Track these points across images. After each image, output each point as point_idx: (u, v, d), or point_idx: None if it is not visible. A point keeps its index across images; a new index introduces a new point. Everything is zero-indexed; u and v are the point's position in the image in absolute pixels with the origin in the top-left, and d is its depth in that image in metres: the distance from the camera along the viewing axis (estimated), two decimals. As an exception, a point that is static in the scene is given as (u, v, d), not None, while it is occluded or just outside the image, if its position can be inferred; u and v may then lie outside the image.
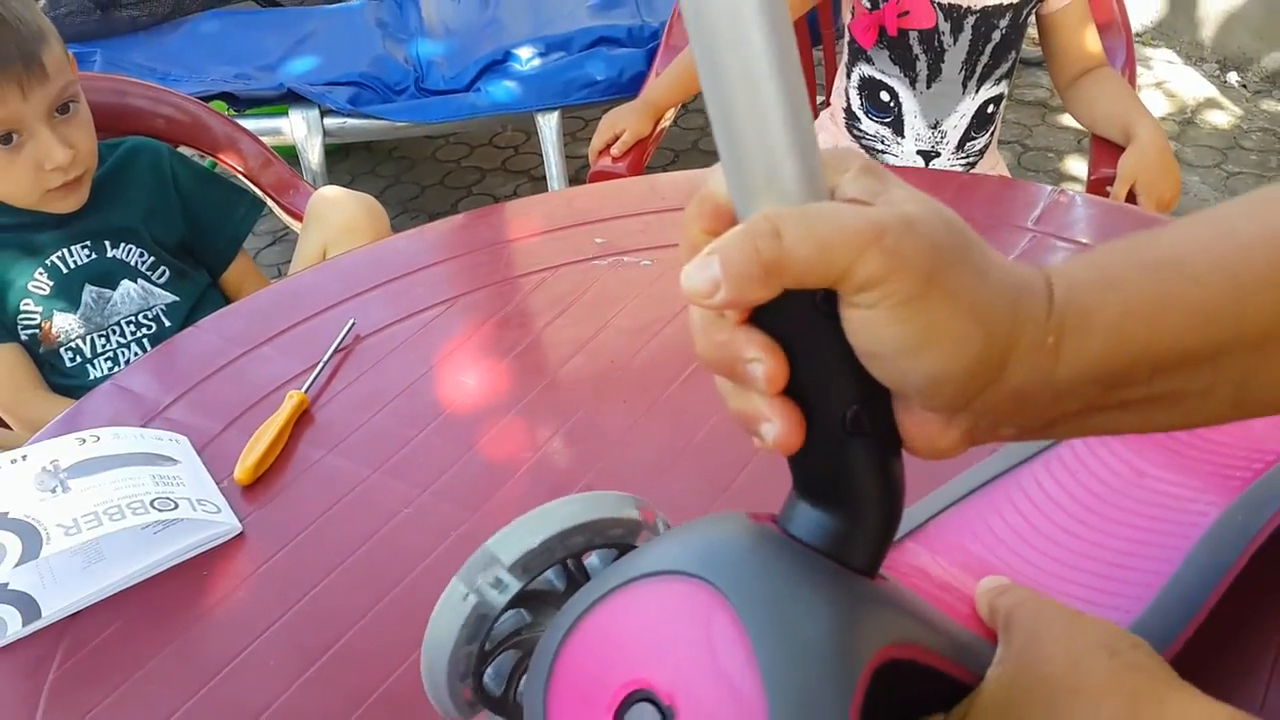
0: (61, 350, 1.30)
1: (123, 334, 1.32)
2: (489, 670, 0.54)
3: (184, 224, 1.37)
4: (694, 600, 0.41)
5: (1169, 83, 2.94)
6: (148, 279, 1.33)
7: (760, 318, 0.38)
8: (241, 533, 0.80)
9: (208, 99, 2.11)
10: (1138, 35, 3.16)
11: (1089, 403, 0.39)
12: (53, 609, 0.75)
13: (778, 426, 0.38)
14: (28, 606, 0.75)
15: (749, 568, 0.41)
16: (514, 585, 0.50)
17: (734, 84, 0.36)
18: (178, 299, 1.34)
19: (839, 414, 0.39)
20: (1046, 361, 0.37)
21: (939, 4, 1.38)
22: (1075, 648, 0.43)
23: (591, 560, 0.53)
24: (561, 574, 0.54)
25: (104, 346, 1.31)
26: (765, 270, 0.35)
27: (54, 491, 0.77)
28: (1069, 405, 0.39)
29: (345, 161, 2.92)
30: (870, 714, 0.39)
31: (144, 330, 1.32)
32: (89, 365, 1.31)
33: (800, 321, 0.37)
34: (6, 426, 1.31)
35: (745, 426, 0.39)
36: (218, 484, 0.83)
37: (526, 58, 2.36)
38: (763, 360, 0.37)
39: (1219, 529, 0.59)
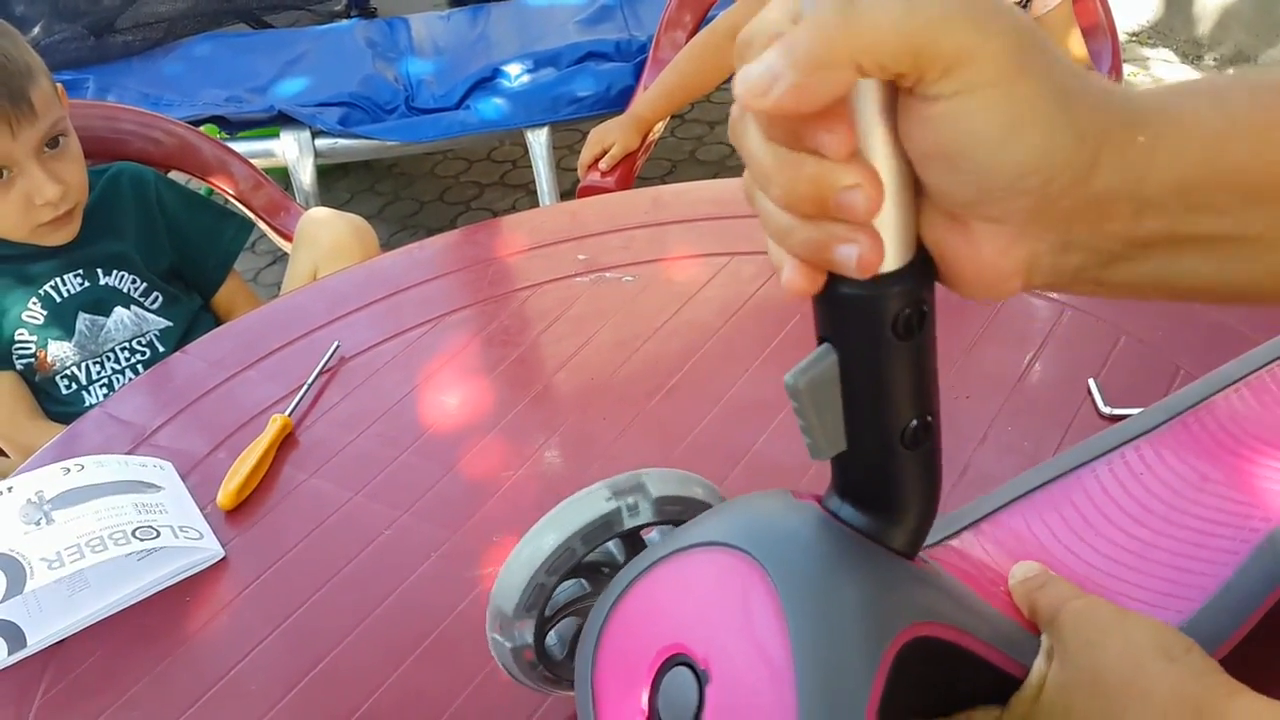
0: (57, 378, 1.31)
1: (117, 360, 1.32)
2: (551, 635, 0.57)
3: (171, 248, 1.38)
4: (734, 571, 0.43)
5: (1166, 81, 2.93)
6: (140, 305, 1.33)
7: (834, 340, 0.38)
8: (224, 557, 0.80)
9: (199, 123, 2.12)
10: (1134, 34, 3.16)
11: (1168, 228, 0.36)
12: (38, 638, 0.75)
13: (865, 244, 0.34)
14: (13, 636, 0.75)
15: (788, 542, 0.43)
16: (645, 516, 0.53)
17: None
18: (170, 324, 1.35)
19: (898, 430, 0.39)
20: (1140, 162, 0.34)
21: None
22: (1134, 652, 0.43)
23: (652, 536, 0.55)
24: (622, 546, 0.56)
25: (99, 373, 1.32)
26: (838, 43, 0.31)
27: (38, 524, 0.78)
28: (1149, 225, 0.35)
29: (344, 179, 2.93)
30: (897, 688, 0.41)
31: (138, 356, 1.33)
32: (84, 392, 1.31)
33: (872, 344, 0.37)
34: (3, 454, 1.32)
35: (814, 255, 0.35)
36: (201, 509, 0.84)
37: (515, 74, 2.37)
38: (863, 185, 0.33)
39: (1271, 545, 0.58)
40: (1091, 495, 0.62)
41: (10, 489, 0.81)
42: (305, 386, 0.94)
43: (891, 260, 0.36)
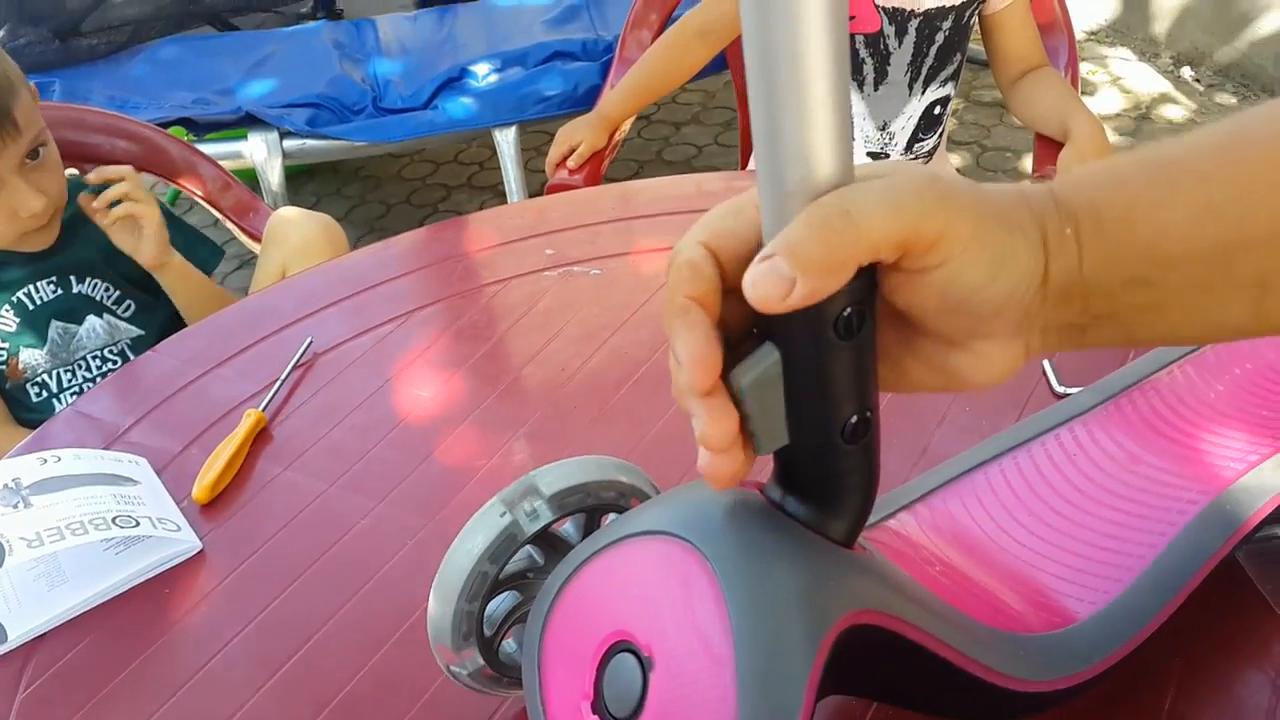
0: (28, 385, 1.31)
1: (89, 368, 1.33)
2: (508, 643, 0.57)
3: None
4: (676, 559, 0.44)
5: (1124, 79, 2.98)
6: (113, 313, 1.34)
7: (776, 339, 0.39)
8: (201, 550, 0.81)
9: (167, 125, 2.12)
10: (1092, 33, 3.20)
11: (1119, 303, 0.40)
12: (18, 632, 0.76)
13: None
14: (-7, 630, 0.76)
15: (729, 531, 0.44)
16: (545, 517, 0.54)
17: (786, 83, 0.35)
18: (143, 332, 1.35)
19: (839, 426, 0.40)
20: (1072, 253, 0.39)
21: (883, 8, 1.40)
22: None
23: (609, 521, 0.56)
24: (580, 527, 0.56)
25: (70, 381, 1.32)
26: (846, 250, 0.36)
27: (16, 507, 0.79)
28: (1101, 305, 0.40)
29: (311, 182, 2.93)
30: (836, 675, 0.42)
31: (110, 364, 1.33)
32: (55, 400, 1.32)
33: (814, 343, 0.38)
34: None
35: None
36: (177, 503, 0.85)
37: (483, 74, 2.38)
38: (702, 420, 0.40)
39: (1203, 520, 0.59)
40: (1025, 475, 0.64)
41: None
42: (279, 382, 0.95)
43: None
